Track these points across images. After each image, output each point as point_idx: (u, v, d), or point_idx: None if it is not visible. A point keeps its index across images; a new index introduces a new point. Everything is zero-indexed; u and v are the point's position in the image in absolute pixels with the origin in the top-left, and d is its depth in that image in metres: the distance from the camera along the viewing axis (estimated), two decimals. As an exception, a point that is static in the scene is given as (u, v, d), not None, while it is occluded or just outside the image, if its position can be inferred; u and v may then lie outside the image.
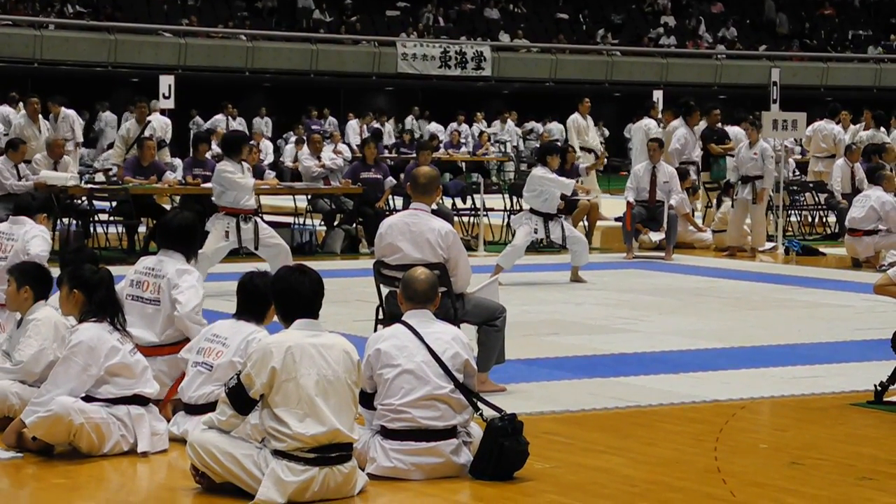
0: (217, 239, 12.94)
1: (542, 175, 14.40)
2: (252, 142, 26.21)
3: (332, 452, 6.12)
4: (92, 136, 31.44)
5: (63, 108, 20.58)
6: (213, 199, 13.52)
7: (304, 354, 6.11)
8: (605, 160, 22.38)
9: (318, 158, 18.35)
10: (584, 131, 21.14)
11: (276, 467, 6.06)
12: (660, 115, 20.90)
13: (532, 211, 14.43)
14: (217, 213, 13.22)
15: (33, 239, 9.19)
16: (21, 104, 22.66)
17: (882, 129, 21.97)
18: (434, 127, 34.65)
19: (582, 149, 20.66)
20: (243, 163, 13.27)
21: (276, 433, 6.08)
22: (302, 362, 6.09)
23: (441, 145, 31.45)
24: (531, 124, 36.35)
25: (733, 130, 20.20)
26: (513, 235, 15.15)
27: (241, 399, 6.15)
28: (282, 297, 6.33)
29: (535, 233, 14.29)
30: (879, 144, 20.00)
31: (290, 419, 6.05)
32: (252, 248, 13.08)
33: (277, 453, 6.08)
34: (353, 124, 32.01)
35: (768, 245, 17.97)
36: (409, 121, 35.26)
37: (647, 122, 20.49)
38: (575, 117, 21.20)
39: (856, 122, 22.92)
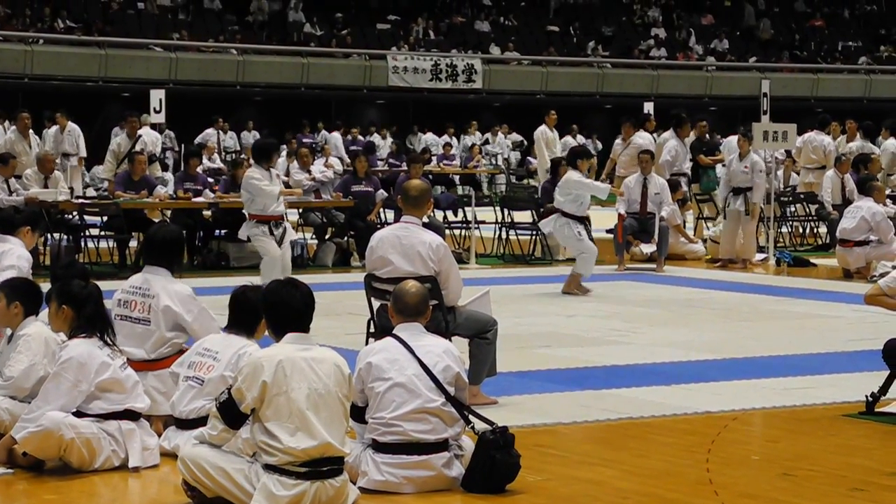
0: (272, 242, 13.20)
1: (578, 179, 14.61)
2: (243, 156, 26.30)
3: (324, 466, 6.11)
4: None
5: (69, 123, 20.64)
6: (243, 208, 13.80)
7: (295, 368, 6.10)
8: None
9: (308, 172, 18.35)
10: (551, 143, 21.32)
11: (268, 481, 6.05)
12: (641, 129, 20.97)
13: (564, 214, 14.57)
14: (248, 220, 13.43)
15: (8, 269, 9.01)
16: (6, 120, 22.67)
17: (867, 140, 21.95)
18: (431, 138, 34.67)
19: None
20: (272, 170, 13.42)
21: (267, 447, 6.07)
22: (293, 376, 6.08)
23: (433, 158, 31.48)
24: (513, 135, 36.43)
25: (733, 141, 20.26)
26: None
27: (231, 413, 6.14)
28: (273, 311, 6.32)
29: (580, 235, 14.52)
30: (866, 155, 20.05)
31: (282, 433, 6.04)
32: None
33: (269, 467, 6.07)
34: (336, 137, 31.91)
35: (760, 256, 17.98)
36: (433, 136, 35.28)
37: (641, 135, 20.51)
38: (542, 129, 21.36)
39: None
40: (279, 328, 6.28)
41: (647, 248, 17.24)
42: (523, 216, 18.46)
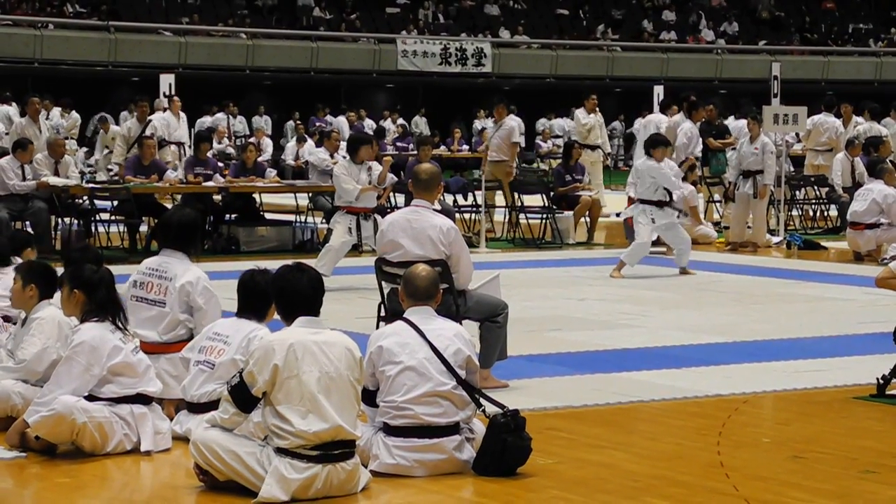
0: (342, 233, 13.35)
1: (657, 168, 14.74)
2: (252, 139, 26.32)
3: (335, 450, 6.12)
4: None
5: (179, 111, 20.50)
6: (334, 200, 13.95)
7: (307, 352, 6.11)
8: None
9: (332, 156, 18.32)
10: (587, 127, 21.23)
11: (279, 465, 6.06)
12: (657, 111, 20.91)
13: (642, 201, 14.81)
14: (339, 211, 13.58)
15: None
16: (15, 102, 22.66)
17: (874, 121, 21.84)
18: (419, 121, 34.69)
19: (584, 146, 20.73)
20: (365, 164, 13.67)
21: (278, 430, 6.08)
22: (304, 359, 6.09)
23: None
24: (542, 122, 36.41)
25: (738, 124, 20.20)
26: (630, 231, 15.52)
27: (243, 397, 6.15)
28: (281, 296, 6.32)
29: (654, 222, 14.73)
30: (877, 137, 20.00)
31: (293, 416, 6.05)
32: (372, 244, 13.30)
33: (280, 451, 6.08)
34: (342, 121, 31.87)
35: (775, 239, 17.96)
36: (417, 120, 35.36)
37: (658, 118, 20.42)
38: (580, 112, 21.26)
39: (858, 115, 22.82)
40: (288, 313, 6.29)
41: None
42: (533, 200, 18.45)
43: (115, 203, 16.88)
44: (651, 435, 7.51)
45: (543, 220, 18.17)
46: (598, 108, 21.70)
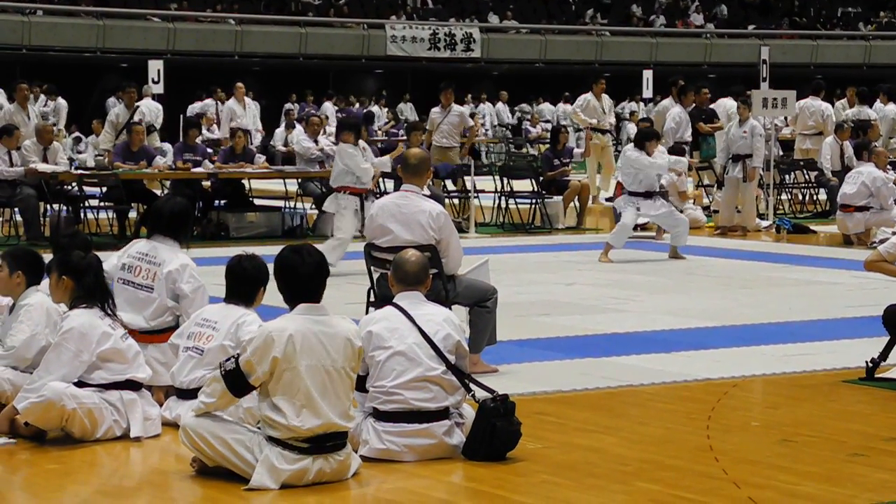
0: (352, 220, 13.49)
1: (636, 157, 14.78)
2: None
3: (327, 442, 6.09)
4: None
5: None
6: (329, 181, 14.07)
7: (305, 343, 6.04)
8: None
9: (316, 142, 18.30)
10: (593, 112, 21.22)
11: (270, 454, 6.04)
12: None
13: (631, 193, 14.86)
14: (337, 193, 13.68)
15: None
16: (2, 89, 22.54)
17: (864, 105, 21.86)
18: (404, 107, 34.63)
19: (595, 129, 20.74)
20: (360, 143, 13.84)
21: (271, 421, 6.04)
22: (302, 352, 6.03)
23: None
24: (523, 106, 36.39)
25: (727, 103, 20.20)
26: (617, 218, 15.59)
27: (239, 384, 6.07)
28: (281, 278, 6.23)
29: (639, 210, 14.82)
30: (865, 121, 20.02)
31: (288, 409, 6.01)
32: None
33: (272, 440, 6.06)
34: (328, 107, 31.81)
35: (764, 223, 17.97)
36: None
37: (666, 104, 20.39)
38: (587, 97, 21.22)
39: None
40: (289, 297, 6.21)
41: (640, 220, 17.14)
42: (522, 185, 18.45)
43: (104, 189, 16.85)
44: (640, 419, 7.52)
45: (532, 205, 18.18)
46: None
